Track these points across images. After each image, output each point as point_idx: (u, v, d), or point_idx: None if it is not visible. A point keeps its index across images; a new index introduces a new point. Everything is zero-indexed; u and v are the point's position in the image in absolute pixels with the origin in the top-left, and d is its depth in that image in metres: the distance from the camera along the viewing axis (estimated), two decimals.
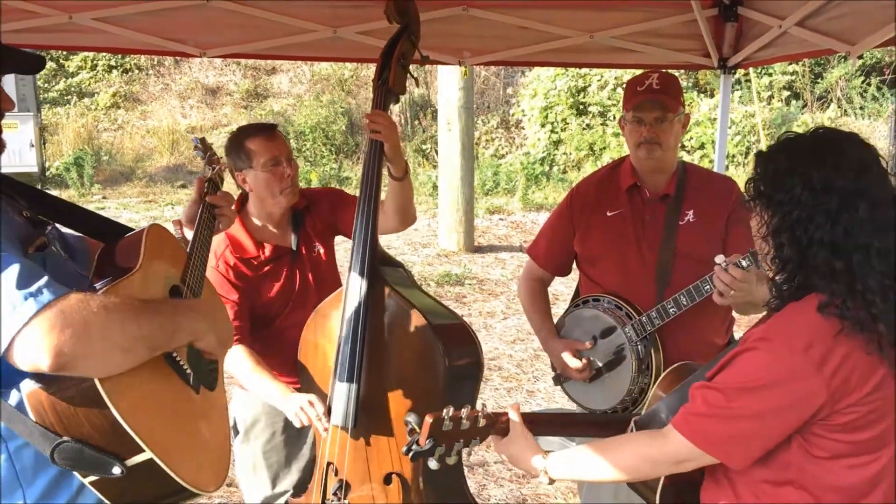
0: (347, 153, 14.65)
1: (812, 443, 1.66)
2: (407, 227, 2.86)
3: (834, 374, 1.59)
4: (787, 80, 14.54)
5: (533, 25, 3.58)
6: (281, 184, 2.78)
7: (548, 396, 5.98)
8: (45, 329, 1.38)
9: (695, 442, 1.67)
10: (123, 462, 1.52)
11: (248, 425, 2.95)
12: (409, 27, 2.64)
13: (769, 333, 1.65)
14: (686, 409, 1.71)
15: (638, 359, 2.76)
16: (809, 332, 1.61)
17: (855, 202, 1.63)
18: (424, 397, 2.43)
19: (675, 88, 2.82)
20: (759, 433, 1.65)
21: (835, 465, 1.66)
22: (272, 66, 16.12)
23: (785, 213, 1.67)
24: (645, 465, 1.77)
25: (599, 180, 3.04)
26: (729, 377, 1.68)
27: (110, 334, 1.47)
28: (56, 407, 1.50)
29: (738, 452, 1.67)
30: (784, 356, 1.61)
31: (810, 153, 1.70)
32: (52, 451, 1.49)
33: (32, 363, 1.40)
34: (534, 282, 3.16)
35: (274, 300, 2.85)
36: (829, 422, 1.63)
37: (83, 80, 15.59)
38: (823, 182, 1.64)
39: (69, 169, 12.79)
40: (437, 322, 2.47)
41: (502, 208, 12.34)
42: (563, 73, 13.88)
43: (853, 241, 1.62)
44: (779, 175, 1.70)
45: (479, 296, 8.49)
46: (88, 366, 1.45)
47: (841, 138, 1.74)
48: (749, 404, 1.63)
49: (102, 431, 1.50)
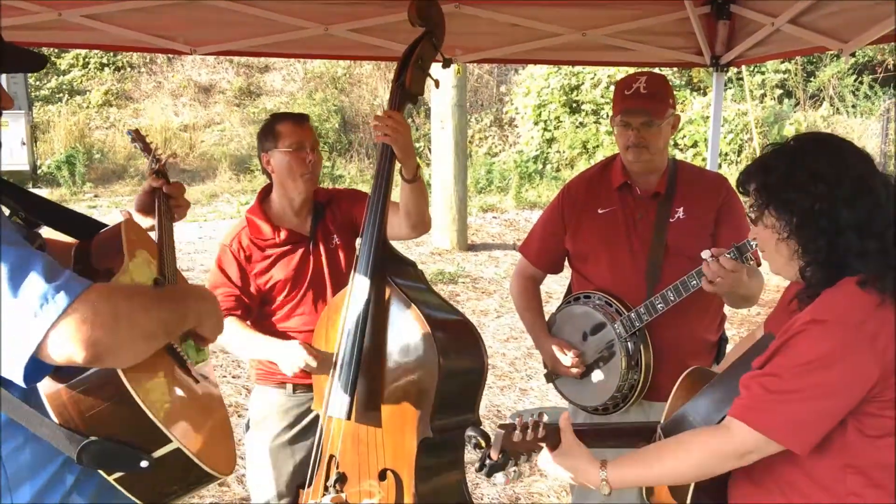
0: (340, 151, 14.63)
1: (865, 423, 1.68)
2: (420, 234, 2.88)
3: (885, 349, 1.62)
4: (779, 78, 14.57)
5: (525, 23, 3.58)
6: (302, 168, 2.85)
7: (541, 395, 5.98)
8: (79, 321, 1.36)
9: (759, 429, 1.66)
10: (150, 455, 1.52)
11: (259, 420, 2.99)
12: (432, 31, 2.64)
13: (819, 315, 1.66)
14: (743, 399, 1.71)
15: (627, 355, 2.78)
16: (858, 308, 1.64)
17: (868, 184, 1.71)
18: (418, 396, 2.44)
19: (663, 92, 2.83)
20: (821, 414, 1.65)
21: (886, 442, 1.69)
22: (265, 63, 16.09)
23: (805, 209, 1.72)
24: (712, 460, 1.74)
25: (590, 178, 3.05)
26: (785, 360, 1.68)
27: (136, 322, 1.46)
28: (80, 406, 1.50)
29: (803, 435, 1.66)
30: (839, 334, 1.63)
31: (812, 150, 1.78)
32: (78, 452, 1.48)
33: (68, 356, 1.37)
34: (526, 280, 3.17)
35: (284, 285, 2.88)
36: (882, 398, 1.65)
37: (75, 77, 15.53)
38: (834, 172, 1.71)
39: (61, 167, 12.76)
40: (434, 320, 2.46)
41: (495, 206, 12.35)
42: (557, 72, 13.89)
43: (878, 220, 1.69)
44: (787, 177, 1.76)
45: (473, 294, 8.49)
46: (117, 355, 1.44)
47: (828, 135, 1.87)
48: (810, 384, 1.64)
49: (128, 426, 1.51)
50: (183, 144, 14.68)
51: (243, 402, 5.65)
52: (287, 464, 2.95)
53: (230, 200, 12.36)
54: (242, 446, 3.12)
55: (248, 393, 5.72)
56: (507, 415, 5.31)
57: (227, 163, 13.88)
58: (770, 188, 1.79)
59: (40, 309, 1.35)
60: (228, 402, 5.69)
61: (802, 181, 1.73)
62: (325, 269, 2.91)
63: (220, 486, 4.53)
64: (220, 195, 12.81)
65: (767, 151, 1.86)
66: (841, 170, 1.72)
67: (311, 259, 2.90)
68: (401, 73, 2.62)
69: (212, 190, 13.02)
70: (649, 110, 2.77)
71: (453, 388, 2.46)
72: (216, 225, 10.69)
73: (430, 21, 2.63)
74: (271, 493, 2.96)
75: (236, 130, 15.12)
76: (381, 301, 2.54)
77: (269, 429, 2.96)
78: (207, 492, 4.47)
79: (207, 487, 4.81)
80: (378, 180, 2.60)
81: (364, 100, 15.58)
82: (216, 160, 14.09)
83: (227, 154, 14.27)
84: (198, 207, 11.98)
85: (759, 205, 1.81)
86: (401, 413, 2.49)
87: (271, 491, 2.96)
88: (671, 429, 1.95)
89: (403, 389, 2.49)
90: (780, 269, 1.85)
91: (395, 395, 2.51)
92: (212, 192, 12.93)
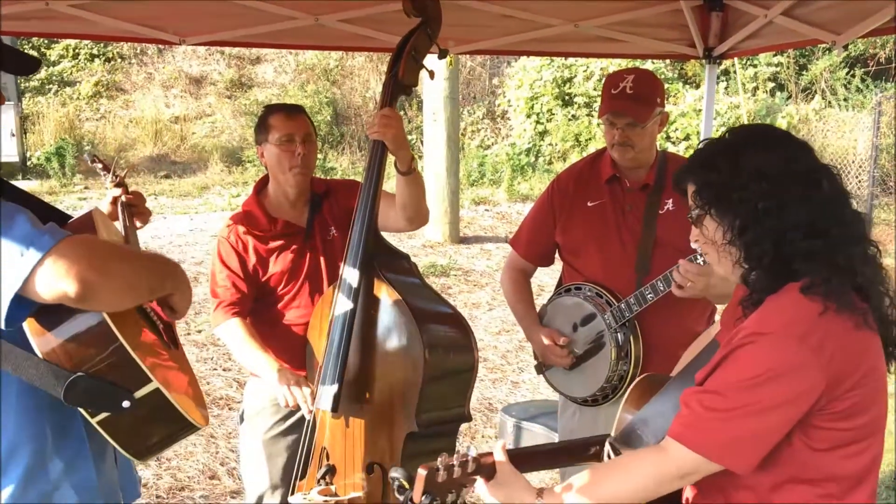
0: (332, 143, 14.58)
1: (812, 436, 1.60)
2: (417, 227, 2.87)
3: (830, 360, 1.54)
4: (771, 71, 14.58)
5: (517, 14, 3.56)
6: (291, 160, 2.83)
7: (532, 387, 5.99)
8: (72, 257, 1.43)
9: (698, 450, 1.59)
10: (132, 394, 1.61)
11: (252, 413, 2.98)
12: (427, 23, 2.61)
13: (761, 327, 1.59)
14: (682, 417, 1.63)
15: (617, 346, 2.80)
16: (802, 319, 1.56)
17: (814, 177, 1.62)
18: (404, 390, 2.43)
19: (649, 90, 2.84)
20: (764, 431, 1.57)
21: (833, 455, 1.62)
22: (256, 55, 16.01)
23: (749, 209, 1.62)
24: (652, 483, 1.66)
25: (580, 171, 3.07)
26: (726, 376, 1.60)
27: (123, 270, 1.56)
28: (66, 348, 1.58)
29: (744, 455, 1.58)
30: (782, 347, 1.55)
31: (753, 144, 1.67)
32: (66, 388, 1.55)
33: (58, 290, 1.43)
34: (516, 272, 3.18)
35: (281, 277, 2.87)
36: (829, 410, 1.58)
37: (65, 69, 15.41)
38: (779, 167, 1.62)
39: (50, 159, 12.66)
40: (422, 314, 2.46)
41: (488, 199, 12.33)
42: (549, 64, 13.86)
43: (827, 216, 1.60)
44: (728, 176, 1.65)
45: (465, 287, 8.48)
46: (103, 297, 1.51)
47: (767, 127, 1.77)
48: (751, 402, 1.55)
49: (112, 365, 1.60)
50: (174, 136, 14.61)
51: (234, 395, 5.64)
52: (281, 456, 2.94)
53: (221, 193, 12.30)
54: (235, 439, 3.11)
55: (238, 386, 5.70)
56: (498, 408, 5.31)
57: (218, 155, 13.81)
58: (710, 188, 1.67)
59: (26, 249, 1.42)
60: (219, 395, 5.68)
61: (745, 180, 1.62)
62: (321, 262, 2.90)
63: (211, 479, 4.53)
64: (211, 187, 12.75)
65: (703, 147, 1.75)
66: (786, 165, 1.62)
67: (308, 252, 2.89)
68: (394, 64, 2.60)
69: (203, 182, 12.97)
70: (634, 114, 2.80)
71: (440, 382, 2.45)
72: (207, 217, 10.64)
73: (426, 12, 2.61)
74: (265, 486, 2.96)
75: (227, 122, 15.06)
76: (371, 294, 2.53)
77: (262, 422, 2.96)
78: (198, 485, 4.46)
79: (198, 480, 4.80)
80: (369, 172, 2.60)
81: (356, 92, 15.53)
82: (207, 152, 14.02)
83: (218, 146, 14.21)
84: (189, 200, 11.93)
85: (698, 207, 1.70)
86: (387, 406, 2.49)
87: (265, 484, 2.96)
88: (621, 442, 1.89)
89: (390, 383, 2.50)
90: (728, 274, 1.73)
91: (381, 389, 2.51)
92: (203, 184, 12.87)
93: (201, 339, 6.59)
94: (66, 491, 1.67)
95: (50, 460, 1.66)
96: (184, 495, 4.38)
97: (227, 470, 4.58)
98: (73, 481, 1.67)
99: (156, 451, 1.81)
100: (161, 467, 4.63)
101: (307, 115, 2.97)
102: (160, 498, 4.36)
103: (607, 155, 2.96)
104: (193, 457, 4.75)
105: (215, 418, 5.28)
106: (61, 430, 1.65)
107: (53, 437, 1.66)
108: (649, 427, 1.84)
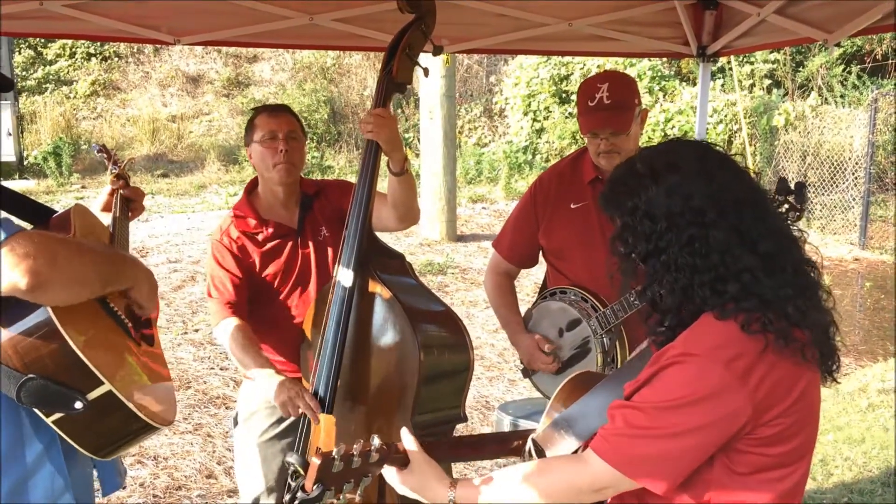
0: (330, 142, 14.58)
1: (735, 459, 1.58)
2: (408, 226, 2.88)
3: (758, 386, 1.52)
4: (768, 68, 14.58)
5: (511, 13, 3.56)
6: (274, 157, 2.82)
7: (529, 386, 5.95)
8: (21, 253, 1.48)
9: (617, 467, 1.56)
10: (85, 396, 1.62)
11: (247, 415, 2.98)
12: (422, 18, 2.61)
13: (691, 347, 1.56)
14: (606, 430, 1.60)
15: (603, 351, 2.78)
16: (730, 343, 1.54)
17: (714, 215, 1.58)
18: (399, 391, 2.43)
19: (626, 95, 2.82)
20: (682, 453, 1.55)
21: (755, 479, 1.59)
22: (253, 54, 16.00)
23: (651, 249, 1.62)
24: (568, 492, 1.62)
25: (561, 172, 3.04)
26: (651, 395, 1.58)
27: (73, 264, 1.59)
28: (18, 348, 1.60)
29: (663, 476, 1.55)
30: (707, 370, 1.52)
31: (649, 179, 1.64)
32: (18, 389, 1.58)
33: (12, 283, 1.48)
34: (500, 276, 3.16)
35: (274, 278, 2.87)
36: (754, 435, 1.56)
37: (62, 68, 15.41)
38: (672, 207, 1.60)
39: (47, 158, 12.65)
40: (417, 316, 2.45)
41: (485, 197, 12.34)
42: (546, 62, 13.86)
43: (736, 253, 1.57)
44: (628, 216, 1.66)
45: (462, 285, 8.49)
46: (54, 292, 1.56)
47: (670, 155, 1.68)
48: (671, 423, 1.53)
49: (63, 366, 1.61)
50: (171, 135, 14.60)
51: (231, 395, 5.64)
52: (276, 459, 2.93)
53: (218, 192, 12.30)
54: (231, 439, 3.11)
55: (235, 385, 5.70)
56: (495, 405, 5.31)
57: (215, 153, 13.81)
58: (614, 221, 1.67)
59: None
60: (216, 395, 5.68)
61: (641, 220, 1.62)
62: (312, 262, 2.90)
63: (208, 478, 4.53)
64: (208, 186, 12.75)
65: (619, 174, 1.72)
66: (683, 202, 1.58)
67: (299, 252, 2.89)
68: (388, 62, 2.59)
69: (200, 181, 12.96)
70: (616, 125, 2.77)
71: (436, 383, 2.45)
72: (204, 216, 10.64)
73: (421, 8, 2.61)
74: (260, 489, 2.95)
75: (225, 121, 15.05)
76: (365, 294, 2.53)
77: (257, 424, 2.95)
78: (195, 484, 4.47)
79: (195, 480, 4.79)
80: (363, 172, 2.60)
81: (353, 90, 15.53)
82: (204, 151, 14.01)
83: (215, 145, 14.20)
84: (186, 198, 11.92)
85: (621, 233, 1.70)
86: (382, 407, 2.49)
87: (260, 486, 2.95)
88: (543, 440, 1.87)
89: (384, 384, 2.49)
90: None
91: (376, 390, 2.51)
92: (200, 183, 12.87)
93: (198, 339, 6.59)
94: (40, 480, 1.68)
95: (27, 446, 1.67)
96: (181, 494, 4.38)
97: (223, 469, 4.58)
98: (46, 471, 1.68)
99: (117, 450, 1.79)
100: (158, 466, 4.64)
101: (293, 114, 2.97)
102: (157, 497, 4.36)
103: (588, 155, 2.93)
104: (190, 456, 4.75)
105: (212, 417, 5.28)
106: (35, 418, 1.65)
107: (31, 424, 1.66)
108: (572, 428, 1.81)
